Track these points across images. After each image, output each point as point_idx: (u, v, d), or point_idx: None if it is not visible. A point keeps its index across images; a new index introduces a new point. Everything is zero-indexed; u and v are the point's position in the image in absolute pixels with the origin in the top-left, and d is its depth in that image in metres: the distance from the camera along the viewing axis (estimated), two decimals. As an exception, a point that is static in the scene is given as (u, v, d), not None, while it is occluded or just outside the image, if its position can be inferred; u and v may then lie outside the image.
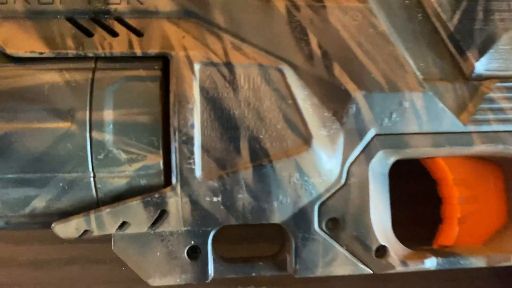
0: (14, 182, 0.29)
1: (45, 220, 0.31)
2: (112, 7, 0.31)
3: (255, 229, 0.38)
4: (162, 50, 0.30)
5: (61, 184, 0.29)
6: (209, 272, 0.32)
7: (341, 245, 0.32)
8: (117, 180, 0.29)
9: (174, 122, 0.29)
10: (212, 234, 0.32)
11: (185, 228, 0.31)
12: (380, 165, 0.33)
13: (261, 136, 0.30)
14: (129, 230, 0.31)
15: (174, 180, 0.29)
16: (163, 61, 0.31)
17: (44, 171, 0.28)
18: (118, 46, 0.30)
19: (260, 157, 0.30)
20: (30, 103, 0.28)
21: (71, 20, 0.31)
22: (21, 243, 0.40)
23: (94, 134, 0.28)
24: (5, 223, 0.31)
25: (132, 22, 0.31)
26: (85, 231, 0.30)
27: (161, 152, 0.29)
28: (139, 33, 0.31)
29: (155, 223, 0.30)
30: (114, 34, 0.31)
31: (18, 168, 0.28)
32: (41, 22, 0.31)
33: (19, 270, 0.40)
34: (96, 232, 0.31)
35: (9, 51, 0.29)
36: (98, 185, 0.29)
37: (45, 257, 0.40)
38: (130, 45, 0.30)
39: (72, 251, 0.41)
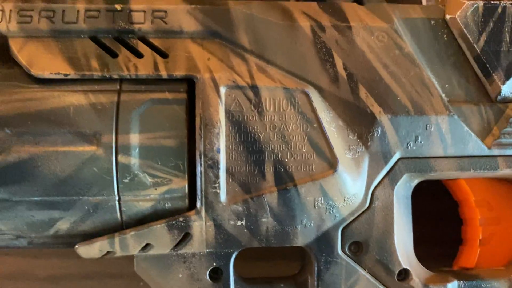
0: (39, 204, 0.28)
1: (68, 241, 0.30)
2: (136, 26, 0.31)
3: (272, 247, 0.38)
4: (188, 72, 0.30)
5: (86, 207, 0.29)
6: (231, 294, 0.32)
7: (364, 269, 0.32)
8: (142, 203, 0.29)
9: (200, 146, 0.29)
10: (234, 256, 0.32)
11: (207, 250, 0.31)
12: (404, 188, 0.33)
13: (286, 160, 0.30)
14: (152, 252, 0.31)
15: (198, 204, 0.29)
16: (188, 83, 0.30)
17: (69, 194, 0.28)
18: (144, 67, 0.30)
19: (285, 181, 0.30)
20: (56, 126, 0.28)
21: (95, 39, 0.31)
22: (39, 257, 0.40)
23: (120, 157, 0.28)
24: (29, 243, 0.31)
25: (156, 42, 0.31)
26: (108, 252, 0.30)
27: (186, 176, 0.29)
28: (164, 54, 0.31)
29: (178, 245, 0.30)
30: (139, 55, 0.31)
31: (43, 191, 0.28)
32: (65, 41, 0.31)
33: (38, 284, 0.40)
34: (118, 253, 0.30)
35: (34, 72, 0.29)
36: (123, 208, 0.29)
37: (63, 271, 0.41)
38: (156, 67, 0.30)
39: (90, 266, 0.41)
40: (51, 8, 0.31)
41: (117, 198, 0.29)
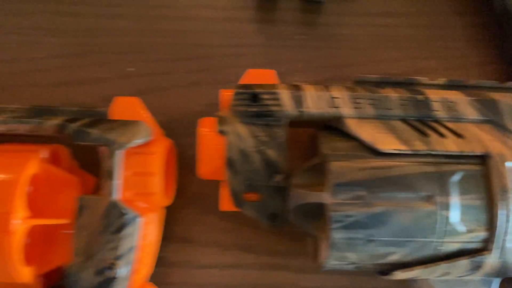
0: (385, 242, 0.40)
1: (385, 267, 0.42)
2: (435, 113, 0.43)
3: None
4: (483, 150, 0.41)
5: (415, 246, 0.40)
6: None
7: None
8: (454, 244, 0.41)
9: (499, 206, 0.40)
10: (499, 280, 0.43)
11: (482, 277, 0.43)
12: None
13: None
14: (446, 277, 0.42)
15: (492, 247, 0.41)
16: (479, 158, 0.42)
17: (407, 237, 0.40)
18: (450, 145, 0.42)
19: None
20: (402, 188, 0.40)
21: (404, 121, 0.43)
22: (305, 271, 0.52)
23: (446, 213, 0.40)
24: (356, 267, 0.42)
25: (449, 125, 0.43)
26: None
27: (487, 226, 0.41)
28: (459, 135, 0.42)
29: (467, 274, 0.42)
30: (442, 135, 0.42)
31: (390, 233, 0.40)
32: (385, 122, 0.43)
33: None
34: (403, 277, 0.42)
35: (380, 148, 0.41)
36: (440, 248, 0.41)
37: (323, 284, 0.52)
38: (459, 145, 0.42)
39: (339, 281, 0.52)
40: (375, 97, 0.43)
41: (439, 240, 0.40)
